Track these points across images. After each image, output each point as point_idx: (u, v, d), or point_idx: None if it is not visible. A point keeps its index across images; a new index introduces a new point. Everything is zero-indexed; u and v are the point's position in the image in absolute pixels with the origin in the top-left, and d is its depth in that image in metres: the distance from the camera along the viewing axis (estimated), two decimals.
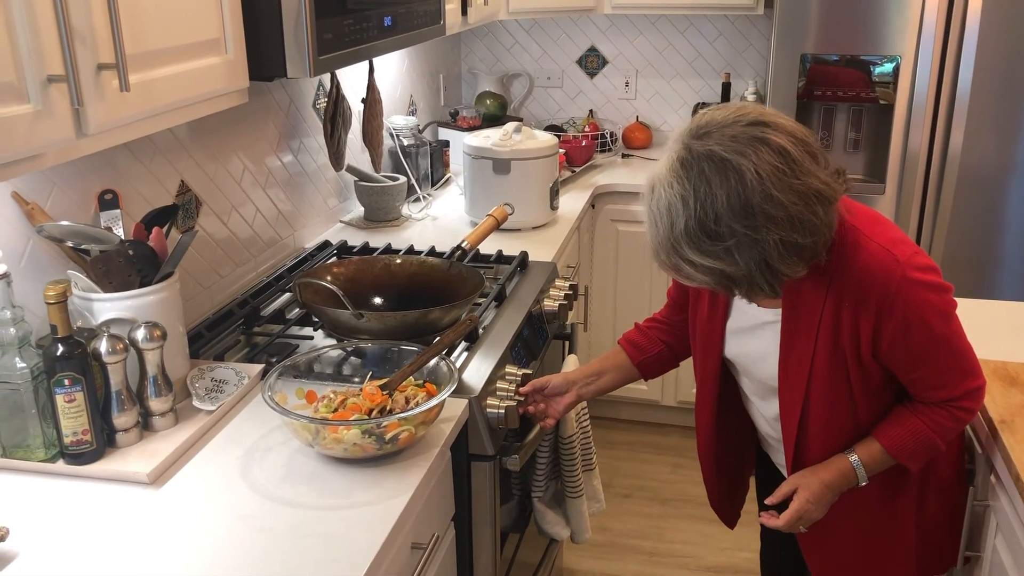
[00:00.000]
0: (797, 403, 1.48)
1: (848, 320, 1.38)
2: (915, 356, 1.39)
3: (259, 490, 1.38)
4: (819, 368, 1.44)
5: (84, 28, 1.13)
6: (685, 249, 1.28)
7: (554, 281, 2.29)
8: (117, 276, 1.52)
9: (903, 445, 1.44)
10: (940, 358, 1.40)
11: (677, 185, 1.26)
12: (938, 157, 2.77)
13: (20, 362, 1.39)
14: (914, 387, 1.44)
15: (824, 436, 1.49)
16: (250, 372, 1.68)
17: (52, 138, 1.10)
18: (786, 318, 1.45)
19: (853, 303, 1.37)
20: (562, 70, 3.79)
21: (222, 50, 1.46)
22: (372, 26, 1.80)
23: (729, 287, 1.33)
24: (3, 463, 1.42)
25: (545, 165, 2.69)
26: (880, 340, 1.38)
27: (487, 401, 1.67)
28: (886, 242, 1.36)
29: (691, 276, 1.33)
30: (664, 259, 1.33)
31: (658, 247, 1.32)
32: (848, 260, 1.36)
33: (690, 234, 1.26)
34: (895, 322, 1.35)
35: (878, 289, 1.34)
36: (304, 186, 2.47)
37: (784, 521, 1.49)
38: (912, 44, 2.69)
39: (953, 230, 2.81)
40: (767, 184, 1.23)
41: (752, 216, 1.23)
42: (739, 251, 1.26)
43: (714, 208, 1.24)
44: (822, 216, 1.27)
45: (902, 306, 1.34)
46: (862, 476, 1.47)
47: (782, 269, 1.28)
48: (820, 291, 1.40)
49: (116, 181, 1.71)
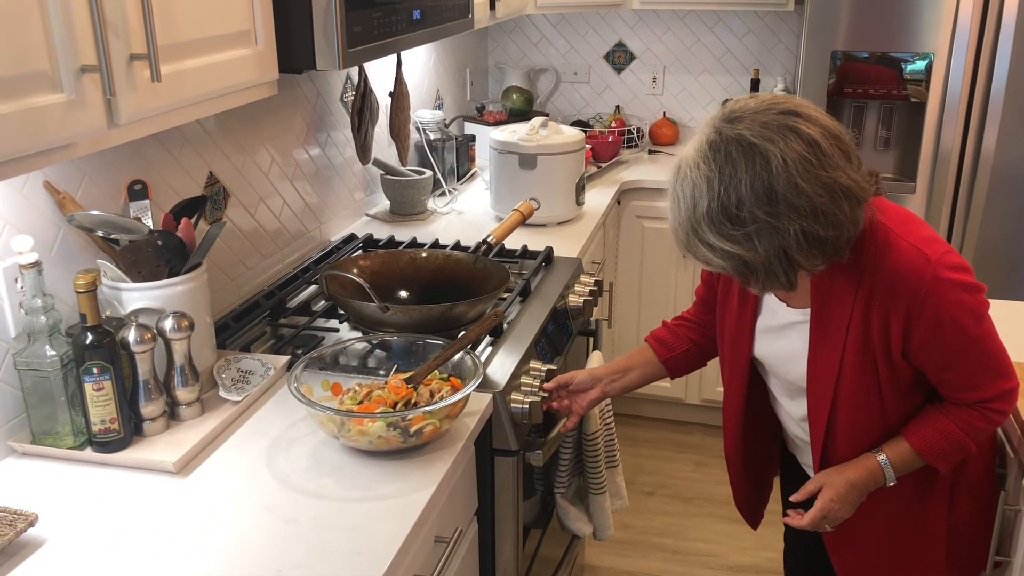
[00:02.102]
0: (825, 404, 1.46)
1: (878, 320, 1.36)
2: (946, 356, 1.37)
3: (284, 481, 1.39)
4: (848, 368, 1.42)
5: (117, 19, 1.14)
6: (705, 231, 1.27)
7: (579, 277, 2.28)
8: (146, 266, 1.53)
9: (933, 445, 1.42)
10: (972, 358, 1.38)
11: (704, 166, 1.26)
12: (971, 156, 2.73)
13: (50, 350, 1.40)
14: (945, 387, 1.42)
15: (852, 437, 1.47)
16: (276, 363, 1.69)
17: (84, 128, 1.11)
18: (815, 318, 1.44)
19: (883, 302, 1.35)
20: (589, 65, 3.77)
21: (252, 42, 1.47)
22: (401, 19, 1.80)
23: (746, 274, 1.31)
24: (32, 450, 1.44)
25: (571, 160, 2.68)
26: (910, 340, 1.36)
27: (511, 396, 1.67)
28: (917, 241, 1.34)
29: (709, 260, 1.31)
30: (683, 240, 1.32)
31: (678, 228, 1.31)
32: (879, 259, 1.34)
33: (712, 217, 1.25)
34: (926, 322, 1.33)
35: (909, 288, 1.32)
36: (331, 179, 2.48)
37: (808, 520, 1.47)
38: (946, 41, 2.65)
39: (985, 230, 2.77)
40: (793, 172, 1.21)
41: (775, 203, 1.22)
42: (759, 238, 1.24)
43: (737, 192, 1.23)
44: (847, 212, 1.26)
45: (933, 305, 1.32)
46: (890, 476, 1.45)
47: (800, 260, 1.27)
48: (850, 290, 1.38)
49: (146, 172, 1.72)
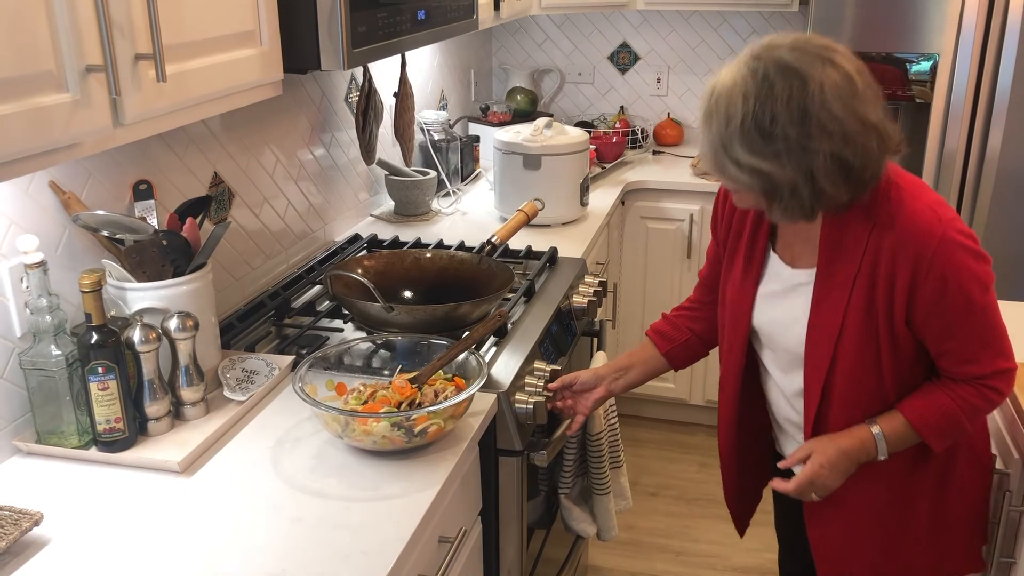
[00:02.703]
0: (822, 368, 1.43)
1: (884, 279, 1.36)
2: (949, 322, 1.35)
3: (288, 480, 1.39)
4: (849, 331, 1.40)
5: (122, 19, 1.14)
6: (736, 147, 1.28)
7: (583, 277, 2.28)
8: (151, 266, 1.54)
9: (928, 420, 1.40)
10: (974, 329, 1.36)
11: (740, 83, 1.28)
12: (975, 157, 2.72)
13: (55, 349, 1.40)
14: (944, 360, 1.40)
15: (847, 409, 1.44)
16: (280, 363, 1.69)
17: (90, 127, 1.11)
18: (820, 275, 1.42)
19: (891, 259, 1.34)
20: (593, 66, 3.77)
21: (257, 42, 1.47)
22: (406, 19, 1.80)
23: (771, 195, 1.32)
24: (37, 449, 1.44)
25: (575, 161, 2.68)
26: (915, 301, 1.35)
27: (516, 396, 1.67)
28: (930, 202, 1.36)
29: (736, 178, 1.32)
30: (711, 157, 1.33)
31: (709, 144, 1.33)
32: (890, 215, 1.35)
33: (745, 131, 1.27)
34: (932, 283, 1.32)
35: (918, 246, 1.32)
36: (335, 179, 2.48)
37: (795, 484, 1.44)
38: (951, 42, 2.64)
39: (991, 231, 2.76)
40: (828, 97, 1.25)
41: (807, 123, 1.25)
42: (789, 156, 1.27)
43: (772, 108, 1.25)
44: (875, 148, 1.29)
45: (941, 266, 1.32)
46: (882, 449, 1.42)
47: (826, 186, 1.28)
48: (859, 246, 1.37)
49: (150, 172, 1.72)
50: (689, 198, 3.19)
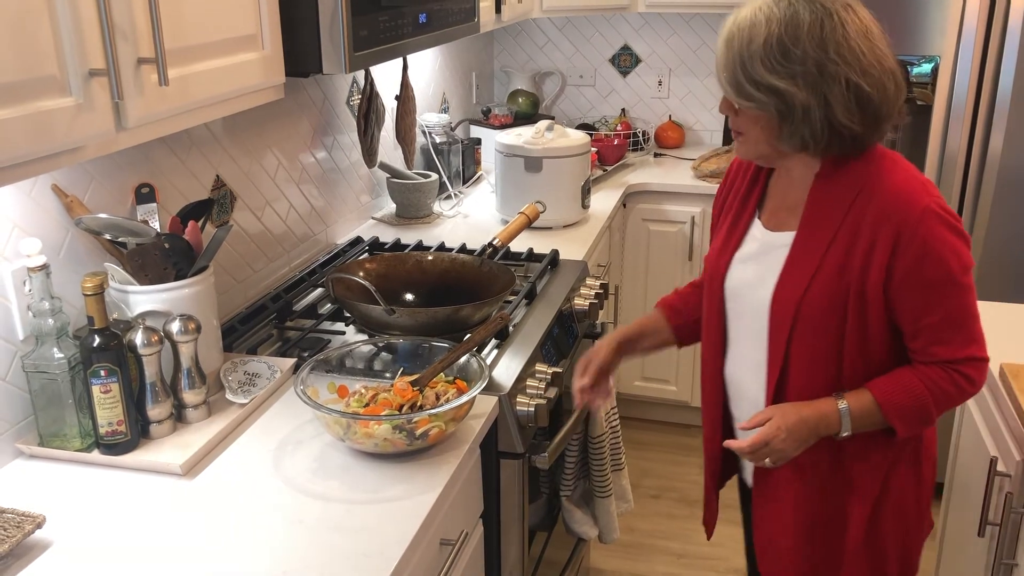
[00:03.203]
0: (784, 329, 1.42)
1: (864, 243, 1.35)
2: (926, 297, 1.35)
3: (290, 483, 1.39)
4: (815, 290, 1.38)
5: (125, 23, 1.14)
6: (756, 66, 1.32)
7: (585, 280, 2.28)
8: (153, 269, 1.54)
9: (895, 400, 1.38)
10: (949, 308, 1.35)
11: (765, 10, 1.33)
12: (977, 159, 2.72)
13: (58, 352, 1.41)
14: (917, 341, 1.38)
15: (805, 382, 1.43)
16: (282, 366, 1.69)
17: (92, 131, 1.11)
18: (801, 234, 1.42)
19: (873, 224, 1.34)
20: (595, 68, 3.78)
21: (259, 46, 1.47)
22: (407, 23, 1.81)
23: (784, 116, 1.34)
24: (40, 452, 1.44)
25: (577, 163, 2.68)
26: (894, 269, 1.34)
27: (517, 399, 1.67)
28: (918, 176, 1.38)
29: (751, 96, 1.34)
30: (729, 75, 1.35)
31: (728, 64, 1.35)
32: (878, 179, 1.36)
33: (767, 50, 1.31)
34: (913, 251, 1.32)
35: (902, 213, 1.33)
36: (337, 182, 2.48)
37: (750, 443, 1.39)
38: (952, 44, 2.64)
39: (992, 233, 2.76)
40: (850, 32, 1.31)
41: (827, 49, 1.30)
42: (806, 78, 1.31)
43: (796, 30, 1.30)
44: (891, 89, 1.34)
45: (923, 235, 1.32)
46: (846, 425, 1.39)
47: (840, 115, 1.31)
48: (843, 208, 1.38)
49: (153, 175, 1.73)
50: (690, 200, 3.19)
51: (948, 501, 2.16)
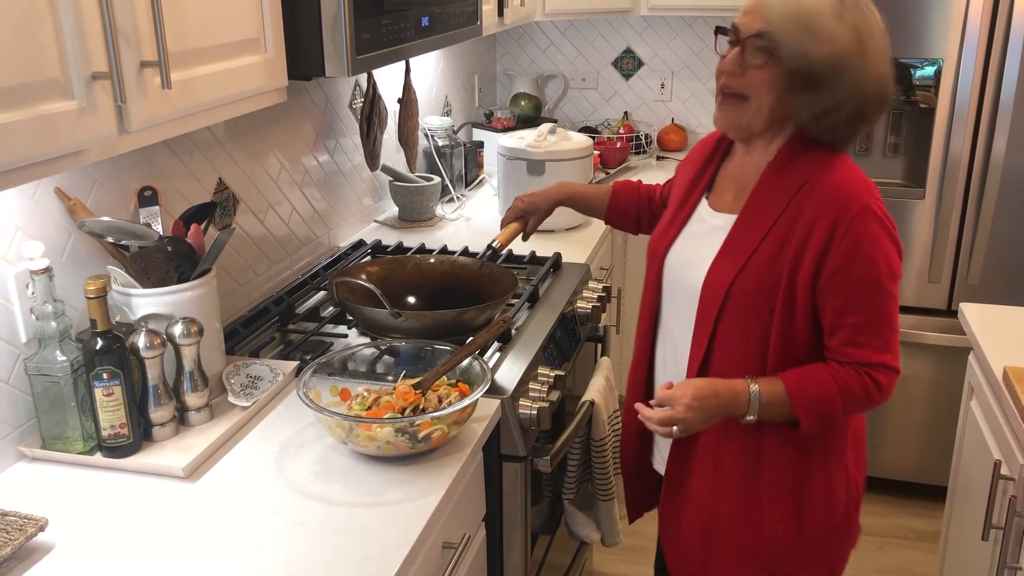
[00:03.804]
0: (714, 307, 1.43)
1: (800, 234, 1.37)
2: (850, 296, 1.36)
3: (292, 486, 1.39)
4: (748, 272, 1.40)
5: (128, 26, 1.14)
6: (823, 20, 1.34)
7: (587, 283, 2.28)
8: (156, 272, 1.54)
9: (804, 390, 1.39)
10: (871, 311, 1.37)
11: None
12: (980, 162, 2.72)
13: (60, 355, 1.41)
14: (835, 339, 1.40)
15: (727, 365, 1.45)
16: (284, 369, 1.69)
17: (95, 134, 1.11)
18: (742, 217, 1.44)
19: (811, 217, 1.37)
20: (597, 71, 3.78)
21: (262, 49, 1.48)
22: (410, 26, 1.81)
23: (798, 86, 1.36)
24: (42, 455, 1.44)
25: (580, 167, 2.68)
26: (824, 263, 1.36)
27: (519, 402, 1.67)
28: (866, 179, 1.41)
29: (790, 52, 1.34)
30: (779, 22, 1.34)
31: (784, 9, 1.35)
32: (824, 173, 1.39)
33: (832, 6, 1.35)
34: (845, 246, 1.35)
35: (840, 208, 1.35)
36: (339, 185, 2.48)
37: (658, 399, 1.39)
38: (955, 47, 2.64)
39: (995, 236, 2.76)
40: (876, 30, 1.38)
41: (863, 38, 1.35)
42: (838, 54, 1.34)
43: (841, 7, 1.35)
44: (885, 101, 1.41)
45: (857, 232, 1.34)
46: (753, 407, 1.39)
47: (846, 102, 1.37)
48: (786, 198, 1.40)
49: (155, 178, 1.73)
50: None
51: (951, 505, 2.16)
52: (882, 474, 3.10)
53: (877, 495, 3.12)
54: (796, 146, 1.42)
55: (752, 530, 1.51)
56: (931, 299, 2.89)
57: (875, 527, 2.98)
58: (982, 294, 2.80)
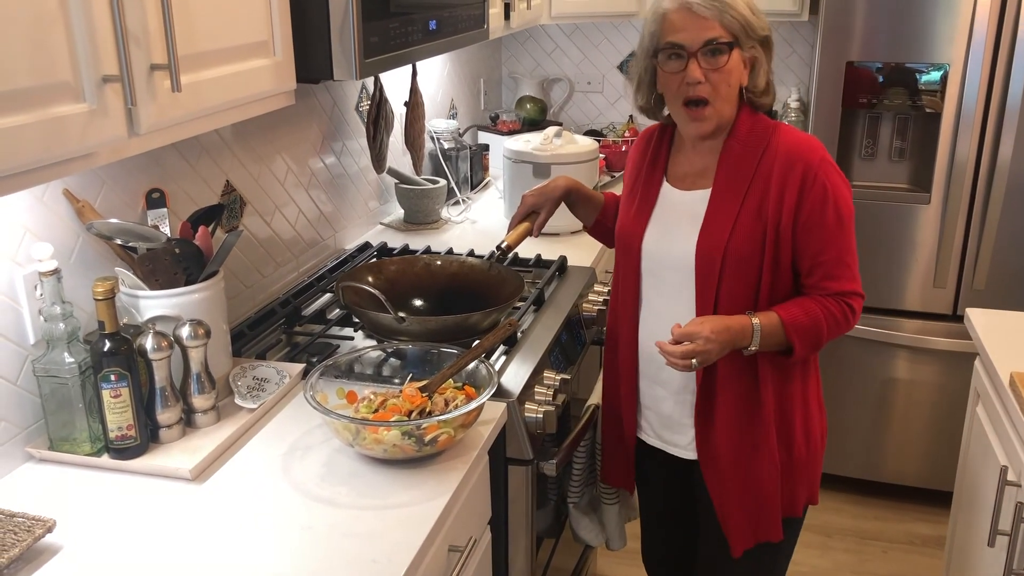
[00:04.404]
0: (712, 275, 1.57)
1: (775, 189, 1.54)
2: (824, 236, 1.54)
3: (299, 488, 1.39)
4: (739, 232, 1.55)
5: (138, 29, 1.15)
6: (755, 6, 1.57)
7: (592, 286, 2.28)
8: (163, 274, 1.55)
9: (796, 319, 1.55)
10: (840, 247, 1.56)
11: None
12: (986, 167, 2.72)
13: (68, 357, 1.41)
14: (812, 276, 1.57)
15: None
16: (291, 371, 1.69)
17: (105, 137, 1.12)
18: (717, 188, 1.59)
19: (782, 173, 1.54)
20: (603, 75, 3.78)
21: (270, 52, 1.48)
22: (417, 30, 1.81)
23: (757, 63, 1.58)
24: (50, 456, 1.45)
25: (585, 169, 2.68)
26: (800, 211, 1.53)
27: (526, 405, 1.67)
28: (810, 136, 1.60)
29: (753, 40, 1.55)
30: (738, 17, 1.52)
31: (739, 3, 1.53)
32: (778, 137, 1.58)
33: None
34: (816, 193, 1.53)
35: (805, 160, 1.54)
36: (346, 188, 2.49)
37: (678, 335, 1.51)
38: (961, 52, 2.64)
39: (1001, 241, 2.75)
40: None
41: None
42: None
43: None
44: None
45: (823, 179, 1.53)
46: (756, 339, 1.54)
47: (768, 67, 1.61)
48: (752, 165, 1.57)
49: (163, 180, 1.73)
50: None
51: (957, 510, 2.15)
52: (888, 479, 3.09)
53: (882, 500, 3.12)
54: (746, 120, 1.59)
55: (762, 424, 1.65)
56: (937, 304, 2.88)
57: (881, 532, 2.98)
58: (988, 299, 2.80)
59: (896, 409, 3.00)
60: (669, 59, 1.55)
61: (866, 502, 3.12)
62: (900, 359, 2.94)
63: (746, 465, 1.66)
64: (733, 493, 1.68)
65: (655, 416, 1.76)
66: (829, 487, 3.14)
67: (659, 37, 1.56)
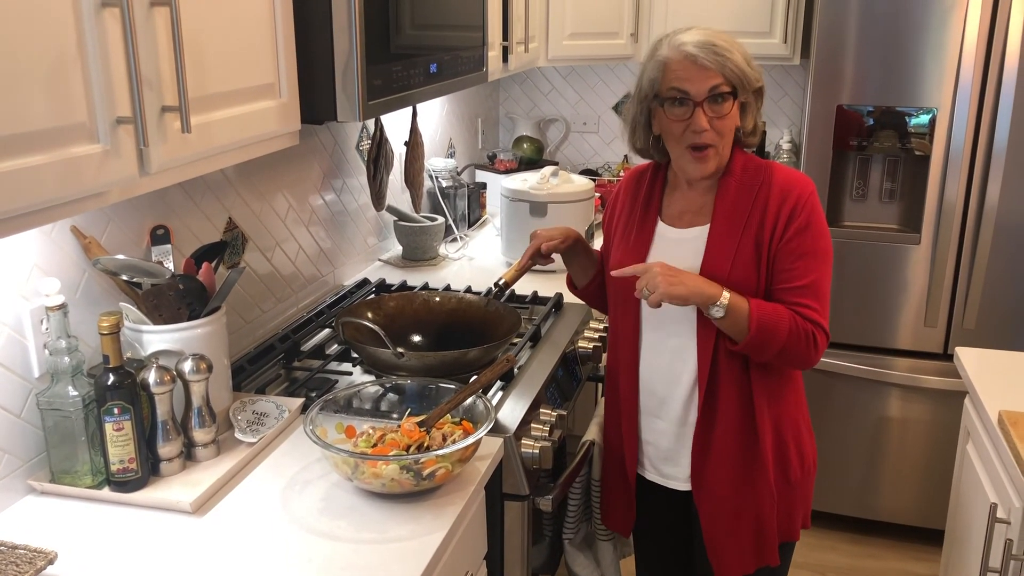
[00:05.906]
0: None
1: (771, 218, 1.62)
2: (804, 259, 1.61)
3: (298, 521, 1.41)
4: (739, 267, 1.61)
5: (151, 73, 1.19)
6: (747, 53, 1.66)
7: (588, 323, 2.31)
8: (167, 309, 1.57)
9: (763, 313, 1.58)
10: (816, 277, 1.61)
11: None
12: (975, 208, 2.77)
13: (72, 390, 1.43)
14: (788, 297, 1.61)
15: (733, 355, 1.64)
16: (290, 406, 1.71)
17: (117, 177, 1.15)
18: (716, 223, 1.65)
19: (778, 202, 1.62)
20: (598, 116, 3.85)
21: (276, 94, 1.52)
22: (419, 72, 1.86)
23: (747, 106, 1.66)
24: (51, 488, 1.46)
25: (581, 208, 2.72)
26: (787, 234, 1.61)
27: (522, 441, 1.69)
28: (801, 172, 1.74)
29: (750, 86, 1.64)
30: (739, 65, 1.60)
31: (738, 53, 1.62)
32: (773, 174, 1.66)
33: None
34: (802, 219, 1.61)
35: (798, 189, 1.63)
36: (345, 224, 2.52)
37: (630, 270, 1.60)
38: (948, 96, 2.70)
39: (989, 282, 2.80)
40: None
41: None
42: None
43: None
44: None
45: (811, 208, 1.63)
46: (721, 304, 1.56)
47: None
48: (750, 197, 1.64)
49: (168, 217, 1.77)
50: None
51: (949, 547, 2.16)
52: (881, 517, 3.10)
53: (876, 538, 3.12)
54: (739, 159, 1.67)
55: (756, 446, 1.69)
56: (927, 343, 2.92)
57: (875, 570, 2.98)
58: (978, 338, 2.83)
59: (890, 447, 3.02)
60: (673, 105, 1.60)
61: (861, 540, 3.13)
62: (892, 398, 2.96)
63: (743, 492, 1.70)
64: (727, 522, 1.71)
65: (655, 450, 1.79)
66: (824, 525, 3.15)
67: (660, 84, 1.61)
